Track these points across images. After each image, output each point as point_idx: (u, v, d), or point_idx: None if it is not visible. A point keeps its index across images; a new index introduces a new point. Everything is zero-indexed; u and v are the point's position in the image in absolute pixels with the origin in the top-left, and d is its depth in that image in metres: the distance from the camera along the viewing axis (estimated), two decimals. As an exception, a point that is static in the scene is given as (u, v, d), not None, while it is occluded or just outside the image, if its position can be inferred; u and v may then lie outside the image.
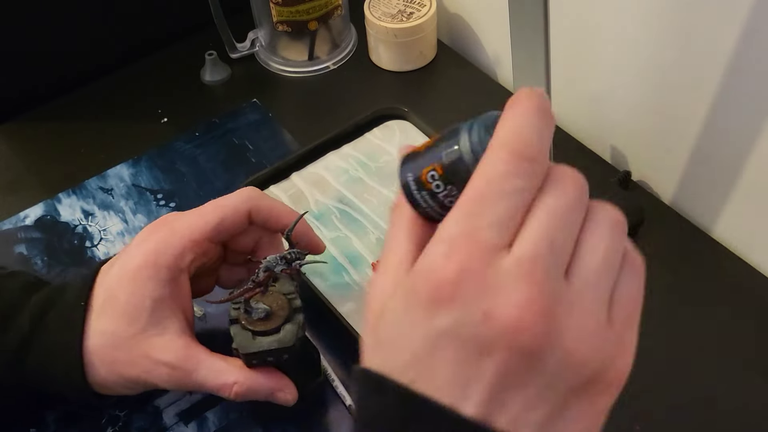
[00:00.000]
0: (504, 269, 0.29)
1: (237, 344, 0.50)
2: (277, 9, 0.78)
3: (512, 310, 0.29)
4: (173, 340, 0.50)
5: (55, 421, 0.57)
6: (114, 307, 0.50)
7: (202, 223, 0.52)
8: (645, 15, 0.63)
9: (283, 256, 0.50)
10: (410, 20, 0.78)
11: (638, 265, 0.32)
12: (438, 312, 0.30)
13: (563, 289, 0.30)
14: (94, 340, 0.50)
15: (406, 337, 0.30)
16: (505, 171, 0.30)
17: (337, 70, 0.83)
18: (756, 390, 0.57)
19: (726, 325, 0.61)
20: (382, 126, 0.72)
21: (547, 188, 0.31)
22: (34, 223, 0.70)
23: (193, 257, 0.51)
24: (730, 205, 0.65)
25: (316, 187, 0.67)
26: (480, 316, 0.29)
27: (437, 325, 0.30)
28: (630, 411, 0.56)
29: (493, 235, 0.30)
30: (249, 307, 0.51)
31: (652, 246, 0.66)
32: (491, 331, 0.29)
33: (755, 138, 0.59)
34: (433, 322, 0.30)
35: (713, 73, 0.59)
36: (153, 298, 0.50)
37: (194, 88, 0.82)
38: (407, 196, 0.34)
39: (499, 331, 0.29)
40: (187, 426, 0.57)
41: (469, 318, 0.29)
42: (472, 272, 0.29)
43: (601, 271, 0.31)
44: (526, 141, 0.31)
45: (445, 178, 0.33)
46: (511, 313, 0.29)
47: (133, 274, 0.50)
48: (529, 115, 0.32)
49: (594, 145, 0.73)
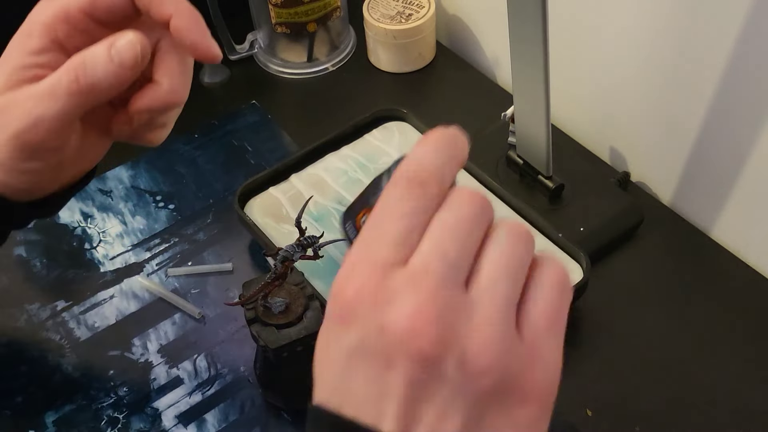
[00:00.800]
0: (397, 282, 0.30)
1: (265, 341, 0.51)
2: (276, 11, 0.78)
3: (404, 319, 0.29)
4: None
5: (54, 422, 0.57)
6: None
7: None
8: (644, 16, 0.63)
9: (298, 243, 0.51)
10: (409, 22, 0.79)
11: (558, 278, 0.32)
12: (345, 332, 0.31)
13: (460, 297, 0.30)
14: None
15: (328, 361, 0.32)
16: (398, 195, 0.32)
17: (336, 71, 0.83)
18: (755, 390, 0.57)
19: (725, 326, 0.61)
20: (381, 127, 0.72)
21: (444, 206, 0.32)
22: (33, 225, 0.70)
23: (68, 30, 0.45)
24: (728, 206, 0.65)
25: (316, 188, 0.67)
26: (378, 330, 0.30)
27: (346, 344, 0.31)
28: (630, 411, 0.56)
29: (389, 254, 0.31)
30: (268, 303, 0.52)
31: (651, 247, 0.66)
32: (389, 342, 0.29)
33: (754, 139, 0.59)
34: (343, 343, 0.31)
35: (713, 74, 0.59)
36: (12, 65, 0.45)
37: (193, 90, 0.81)
38: (349, 242, 0.37)
39: (396, 341, 0.29)
40: (186, 428, 0.57)
41: (370, 333, 0.30)
42: (368, 289, 0.30)
43: (499, 279, 0.31)
44: (419, 167, 0.32)
45: None
46: (404, 322, 0.29)
47: (6, 50, 0.46)
48: (427, 147, 0.33)
49: (593, 146, 0.73)
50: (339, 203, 0.66)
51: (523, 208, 0.64)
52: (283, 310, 0.52)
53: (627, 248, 0.65)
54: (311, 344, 0.50)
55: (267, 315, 0.52)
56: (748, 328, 0.61)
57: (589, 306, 0.61)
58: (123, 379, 0.59)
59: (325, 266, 0.62)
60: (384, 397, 0.30)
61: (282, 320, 0.51)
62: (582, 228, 0.64)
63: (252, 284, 0.53)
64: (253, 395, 0.58)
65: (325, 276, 0.61)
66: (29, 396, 0.59)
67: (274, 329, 0.51)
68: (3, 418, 0.57)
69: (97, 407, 0.58)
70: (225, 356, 0.60)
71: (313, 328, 0.51)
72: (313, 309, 0.52)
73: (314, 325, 0.52)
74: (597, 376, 0.58)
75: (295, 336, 0.51)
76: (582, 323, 0.61)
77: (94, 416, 0.57)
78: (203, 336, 0.62)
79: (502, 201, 0.65)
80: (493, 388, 0.29)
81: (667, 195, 0.70)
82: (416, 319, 0.29)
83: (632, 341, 0.60)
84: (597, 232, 0.64)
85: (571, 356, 0.59)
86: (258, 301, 0.52)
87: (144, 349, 0.61)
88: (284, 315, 0.52)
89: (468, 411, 0.29)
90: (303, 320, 0.52)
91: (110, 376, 0.59)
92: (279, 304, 0.52)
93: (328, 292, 0.61)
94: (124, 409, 0.58)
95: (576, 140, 0.74)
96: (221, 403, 0.58)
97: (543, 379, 0.31)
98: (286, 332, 0.51)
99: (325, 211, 0.66)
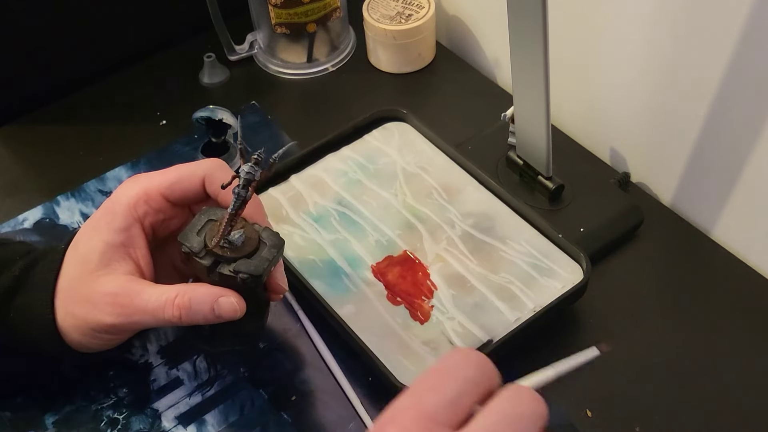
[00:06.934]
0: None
1: (247, 271, 0.50)
2: (275, 11, 0.78)
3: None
4: (119, 276, 0.51)
5: (54, 423, 0.57)
6: (74, 254, 0.53)
7: (159, 178, 0.54)
8: (644, 16, 0.63)
9: (255, 162, 0.50)
10: (409, 22, 0.79)
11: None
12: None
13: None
14: (59, 288, 0.52)
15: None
16: (460, 361, 0.37)
17: (335, 72, 0.83)
18: (755, 390, 0.57)
19: (725, 326, 0.61)
20: (380, 128, 0.72)
21: (506, 395, 0.36)
22: (32, 226, 0.70)
23: (146, 209, 0.53)
24: (729, 207, 0.65)
25: (315, 189, 0.67)
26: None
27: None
28: (630, 411, 0.56)
29: (437, 410, 0.35)
30: (228, 239, 0.50)
31: (651, 247, 0.66)
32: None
33: (754, 140, 0.59)
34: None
35: (713, 74, 0.59)
36: (104, 242, 0.52)
37: (193, 91, 0.82)
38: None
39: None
40: (186, 429, 0.57)
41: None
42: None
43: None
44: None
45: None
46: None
47: (93, 223, 0.53)
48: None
49: (593, 147, 0.73)
50: (339, 204, 0.66)
51: (523, 208, 0.64)
52: (245, 240, 0.51)
53: (627, 248, 0.65)
54: (260, 281, 0.51)
55: (231, 250, 0.50)
56: (749, 328, 0.60)
57: (589, 306, 0.61)
58: (123, 380, 0.59)
59: (325, 267, 0.62)
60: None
61: (249, 250, 0.50)
62: (582, 228, 0.64)
63: (189, 233, 0.51)
64: (253, 396, 0.58)
65: (325, 276, 0.61)
66: (29, 397, 0.59)
67: (245, 260, 0.50)
68: (3, 419, 0.57)
69: (97, 408, 0.58)
70: (225, 357, 0.60)
71: (280, 244, 0.51)
72: (263, 230, 0.52)
73: (278, 240, 0.51)
74: (597, 376, 0.58)
75: (270, 257, 0.51)
76: (582, 323, 0.61)
77: (94, 417, 0.57)
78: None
79: (502, 201, 0.65)
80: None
81: (667, 195, 0.70)
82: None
83: (632, 341, 0.60)
84: (597, 233, 0.64)
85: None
86: (217, 241, 0.50)
87: (144, 350, 0.61)
88: (247, 245, 0.51)
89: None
90: (263, 244, 0.51)
91: (110, 377, 0.59)
92: (240, 235, 0.51)
93: (329, 295, 0.61)
94: (124, 410, 0.58)
95: (576, 140, 0.74)
96: (221, 404, 0.58)
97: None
98: (259, 258, 0.50)
99: (324, 211, 0.66)
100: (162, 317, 0.50)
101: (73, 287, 0.52)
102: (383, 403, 0.53)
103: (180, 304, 0.50)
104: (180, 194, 0.54)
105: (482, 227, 0.64)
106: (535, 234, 0.63)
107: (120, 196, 0.53)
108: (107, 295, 0.51)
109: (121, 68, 0.84)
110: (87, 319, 0.51)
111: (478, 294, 0.59)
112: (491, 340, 0.57)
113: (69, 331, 0.52)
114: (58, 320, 0.52)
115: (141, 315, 0.51)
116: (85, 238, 0.53)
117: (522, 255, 0.61)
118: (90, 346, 0.53)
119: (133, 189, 0.53)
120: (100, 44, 0.82)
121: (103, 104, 0.81)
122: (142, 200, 0.53)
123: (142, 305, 0.50)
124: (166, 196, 0.54)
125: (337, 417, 0.57)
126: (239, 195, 0.50)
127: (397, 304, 0.59)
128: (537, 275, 0.60)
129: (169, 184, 0.54)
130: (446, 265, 0.61)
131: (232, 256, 0.50)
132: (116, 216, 0.52)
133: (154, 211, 0.54)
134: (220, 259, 0.50)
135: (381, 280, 0.61)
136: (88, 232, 0.53)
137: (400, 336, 0.57)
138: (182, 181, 0.54)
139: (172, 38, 0.86)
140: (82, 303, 0.51)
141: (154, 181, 0.54)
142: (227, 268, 0.50)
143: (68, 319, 0.52)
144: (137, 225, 0.53)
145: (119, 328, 0.51)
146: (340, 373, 0.58)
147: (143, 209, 0.53)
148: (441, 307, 0.59)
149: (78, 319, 0.51)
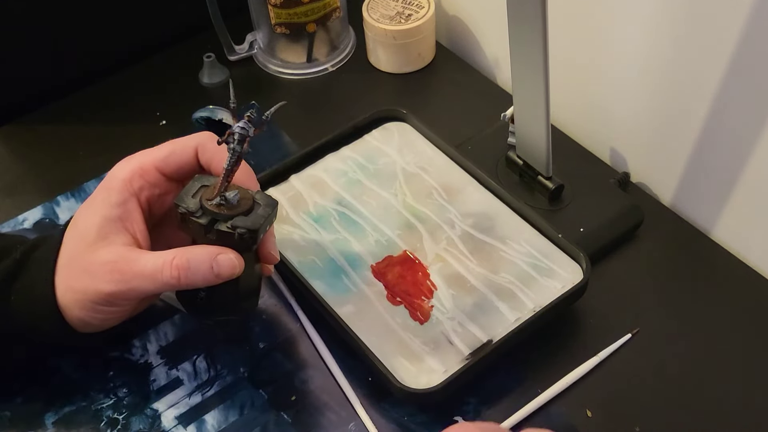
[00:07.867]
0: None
1: (244, 226, 0.50)
2: (275, 11, 0.78)
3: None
4: (117, 246, 0.52)
5: (54, 423, 0.57)
6: (73, 232, 0.54)
7: (153, 153, 0.55)
8: (645, 16, 0.63)
9: (245, 121, 0.50)
10: (409, 22, 0.78)
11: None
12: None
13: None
14: (59, 265, 0.53)
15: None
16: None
17: (335, 72, 0.83)
18: (756, 390, 0.57)
19: (725, 326, 0.61)
20: (380, 128, 0.72)
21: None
22: (32, 227, 0.70)
23: (142, 183, 0.54)
24: (729, 207, 0.65)
25: (315, 189, 0.67)
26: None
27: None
28: (630, 411, 0.56)
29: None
30: (225, 197, 0.51)
31: (651, 247, 0.66)
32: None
33: (754, 140, 0.59)
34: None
35: (713, 74, 0.59)
36: (102, 216, 0.52)
37: (192, 91, 0.82)
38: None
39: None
40: (186, 429, 0.56)
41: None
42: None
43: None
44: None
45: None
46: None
47: (90, 201, 0.54)
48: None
49: (593, 147, 0.73)
50: (338, 204, 0.66)
51: (523, 208, 0.64)
52: (240, 200, 0.51)
53: (627, 248, 0.65)
54: (255, 238, 0.51)
55: (227, 208, 0.51)
56: (749, 328, 0.60)
57: (589, 306, 0.61)
58: (123, 380, 0.59)
59: (325, 267, 0.62)
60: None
61: (244, 208, 0.51)
62: (582, 228, 0.64)
63: (185, 196, 0.52)
64: (252, 396, 0.58)
65: (325, 276, 0.61)
66: (29, 397, 0.59)
67: (242, 216, 0.51)
68: (3, 419, 0.57)
69: (96, 408, 0.58)
70: (224, 357, 0.60)
71: (274, 204, 0.52)
72: (256, 193, 0.53)
73: (272, 201, 0.52)
74: (597, 376, 0.58)
75: (265, 214, 0.51)
76: (582, 323, 0.61)
77: (94, 417, 0.57)
78: (203, 337, 0.62)
79: (502, 201, 0.65)
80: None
81: (667, 195, 0.70)
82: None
83: (632, 341, 0.60)
84: (597, 233, 0.64)
85: (572, 356, 0.59)
86: (215, 195, 0.51)
87: (144, 350, 0.61)
88: (242, 204, 0.51)
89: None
90: (258, 204, 0.52)
91: (110, 377, 0.59)
92: (235, 194, 0.51)
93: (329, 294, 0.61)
94: (123, 410, 0.58)
95: (576, 140, 0.74)
96: (221, 404, 0.58)
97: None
98: (255, 215, 0.51)
99: (324, 211, 0.66)
100: (161, 280, 0.50)
101: (72, 262, 0.53)
102: (383, 403, 0.53)
103: (179, 264, 0.50)
104: (175, 166, 0.55)
105: (482, 227, 0.64)
106: (535, 234, 0.63)
107: (116, 173, 0.54)
108: (105, 263, 0.51)
109: (121, 68, 0.84)
110: (86, 291, 0.52)
111: (478, 294, 0.59)
112: (491, 340, 0.57)
113: (70, 307, 0.52)
114: (58, 297, 0.52)
115: (140, 280, 0.51)
116: (83, 216, 0.54)
117: (522, 255, 0.61)
118: (91, 321, 0.53)
119: (129, 165, 0.54)
120: (100, 44, 0.82)
121: (103, 104, 0.81)
122: (138, 175, 0.54)
123: (139, 270, 0.51)
124: (161, 169, 0.55)
125: (337, 417, 0.57)
126: (234, 150, 0.50)
127: (396, 304, 0.59)
128: (537, 275, 0.60)
129: (164, 157, 0.55)
130: (446, 265, 0.61)
131: (228, 214, 0.51)
132: (112, 191, 0.53)
133: (149, 185, 0.54)
134: (217, 217, 0.51)
135: (381, 280, 0.61)
136: (85, 210, 0.54)
137: (400, 336, 0.57)
138: (176, 153, 0.55)
139: (172, 38, 0.86)
140: (81, 275, 0.52)
141: (148, 156, 0.55)
142: (224, 225, 0.51)
143: (68, 294, 0.52)
144: (133, 199, 0.53)
145: (118, 296, 0.51)
146: (340, 373, 0.58)
147: (139, 183, 0.54)
148: (441, 307, 0.59)
149: (77, 292, 0.52)
